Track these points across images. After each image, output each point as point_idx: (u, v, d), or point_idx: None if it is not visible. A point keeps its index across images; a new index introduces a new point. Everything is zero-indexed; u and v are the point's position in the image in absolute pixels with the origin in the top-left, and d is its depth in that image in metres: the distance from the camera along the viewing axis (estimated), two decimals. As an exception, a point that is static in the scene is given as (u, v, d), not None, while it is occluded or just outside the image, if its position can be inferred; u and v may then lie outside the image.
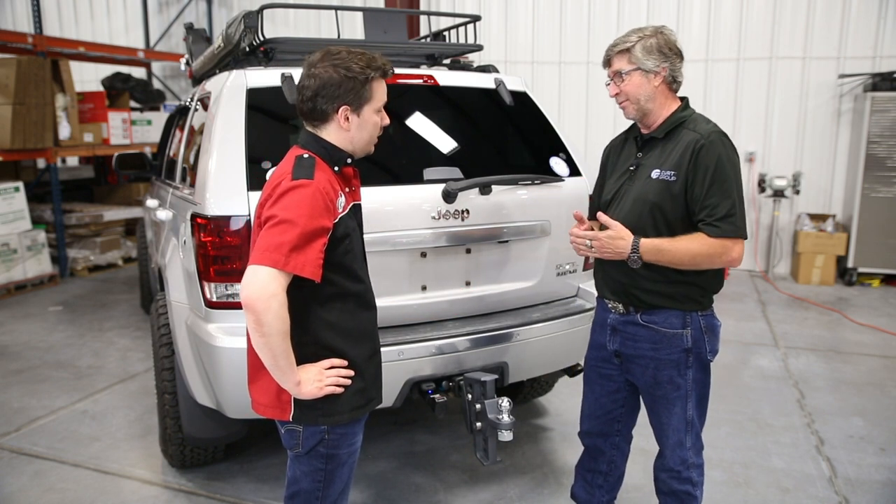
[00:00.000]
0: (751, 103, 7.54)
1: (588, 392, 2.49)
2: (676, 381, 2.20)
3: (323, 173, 1.81)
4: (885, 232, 6.86)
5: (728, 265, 2.10)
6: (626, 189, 2.21)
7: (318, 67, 1.82)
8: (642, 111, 2.16)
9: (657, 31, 2.14)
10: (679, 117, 2.16)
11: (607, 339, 2.33)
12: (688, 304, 2.16)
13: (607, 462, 2.52)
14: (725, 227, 2.03)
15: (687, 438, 2.27)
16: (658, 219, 2.11)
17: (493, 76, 3.28)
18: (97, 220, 7.71)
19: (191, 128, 3.53)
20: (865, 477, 3.26)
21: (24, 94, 6.77)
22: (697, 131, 2.10)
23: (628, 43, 2.12)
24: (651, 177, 2.13)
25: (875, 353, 5.03)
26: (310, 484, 1.95)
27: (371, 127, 1.89)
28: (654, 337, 2.19)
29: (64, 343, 5.28)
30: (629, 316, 2.24)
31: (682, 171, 2.07)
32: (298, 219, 1.69)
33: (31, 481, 3.24)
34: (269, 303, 1.65)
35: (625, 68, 2.13)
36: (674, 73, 2.14)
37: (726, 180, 2.05)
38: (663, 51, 2.11)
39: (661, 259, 2.07)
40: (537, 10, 8.12)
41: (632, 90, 2.14)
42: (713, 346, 2.22)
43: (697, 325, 2.17)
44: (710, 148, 2.05)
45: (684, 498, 2.31)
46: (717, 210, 2.03)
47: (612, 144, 2.43)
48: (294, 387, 1.78)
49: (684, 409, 2.24)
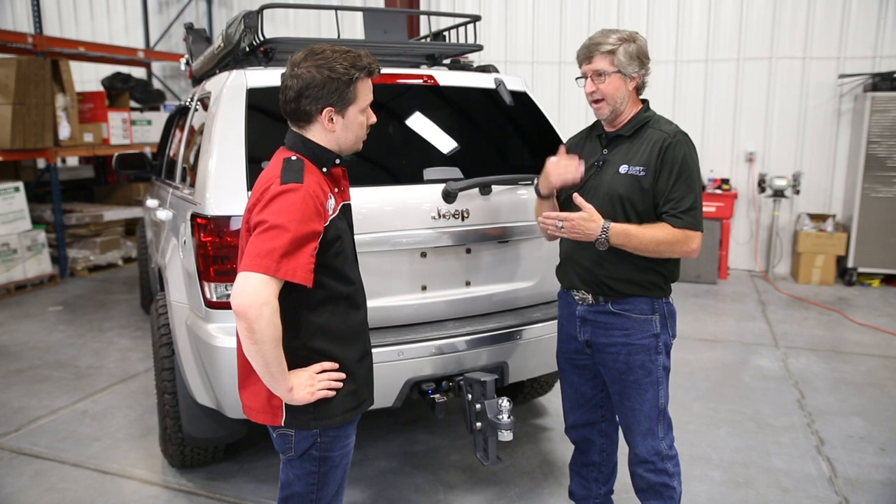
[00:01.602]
0: (751, 103, 7.54)
1: (566, 386, 2.56)
2: (648, 366, 2.28)
3: (312, 176, 1.78)
4: (885, 232, 6.86)
5: (687, 255, 2.22)
6: (594, 183, 2.30)
7: (301, 67, 1.78)
8: (615, 112, 2.28)
9: (633, 36, 2.24)
10: (644, 117, 2.29)
11: (577, 330, 2.40)
12: (654, 291, 2.27)
13: (598, 452, 2.58)
14: (688, 219, 2.16)
15: (659, 428, 2.32)
16: (629, 211, 2.22)
17: (493, 76, 3.28)
18: (97, 220, 7.71)
19: (191, 128, 3.53)
20: (865, 477, 3.26)
21: (24, 94, 6.77)
22: (664, 130, 2.24)
23: (612, 45, 2.20)
24: (619, 172, 2.25)
25: (875, 353, 5.03)
26: (303, 487, 1.94)
27: (357, 127, 1.87)
28: (626, 324, 2.28)
29: (64, 343, 5.28)
30: (599, 305, 2.32)
31: (651, 166, 2.20)
32: (289, 224, 1.67)
33: (31, 481, 3.24)
34: (261, 310, 1.64)
35: (607, 70, 2.22)
36: (644, 80, 2.29)
37: (690, 177, 2.19)
38: (641, 58, 2.24)
39: (627, 243, 2.17)
40: (537, 10, 8.11)
41: (610, 91, 2.24)
42: (674, 331, 2.35)
43: (663, 311, 2.30)
44: (677, 146, 2.19)
45: (663, 490, 2.33)
46: (682, 203, 2.17)
47: (573, 141, 2.53)
48: (286, 393, 1.77)
49: (656, 397, 2.30)
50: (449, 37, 3.90)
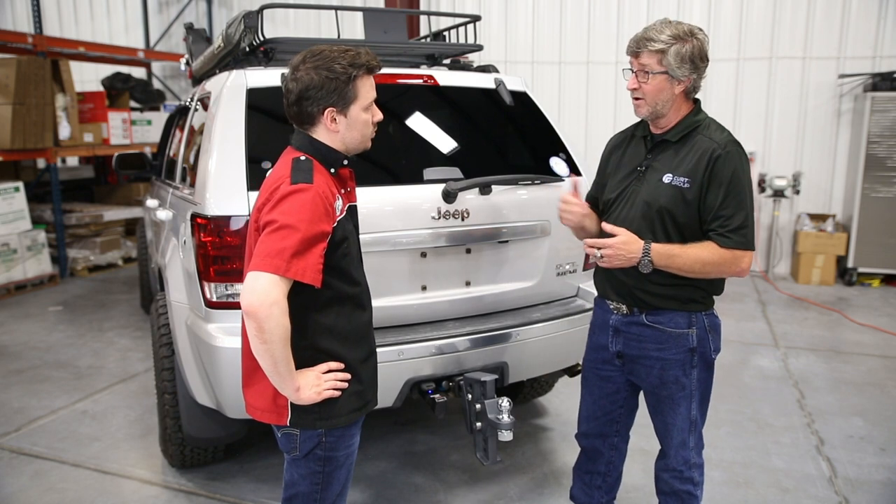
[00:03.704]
0: (751, 103, 7.54)
1: (586, 394, 2.47)
2: (682, 381, 2.19)
3: (321, 176, 1.79)
4: (885, 232, 6.86)
5: (736, 275, 2.09)
6: (634, 190, 2.17)
7: (301, 70, 1.78)
8: (656, 114, 2.11)
9: (692, 33, 2.03)
10: (693, 121, 2.12)
11: (609, 340, 2.30)
12: (691, 305, 2.15)
13: (605, 463, 2.51)
14: (737, 238, 2.02)
15: (690, 438, 2.26)
16: (668, 223, 2.09)
17: (493, 76, 3.28)
18: (97, 220, 7.71)
19: (191, 128, 3.53)
20: (865, 477, 3.26)
21: (24, 94, 6.77)
22: (714, 139, 2.06)
23: (663, 43, 2.01)
24: (663, 181, 2.09)
25: (875, 353, 5.03)
26: (307, 487, 1.94)
27: (361, 125, 1.86)
28: (660, 337, 2.17)
29: (64, 343, 5.28)
30: (633, 317, 2.21)
31: (697, 179, 2.04)
32: (299, 224, 1.67)
33: (31, 481, 3.24)
34: (271, 310, 1.64)
35: (654, 69, 2.04)
36: (697, 84, 2.09)
37: (741, 192, 2.03)
38: (695, 60, 2.03)
39: (671, 265, 2.05)
40: (537, 10, 8.11)
41: (653, 92, 2.07)
42: (716, 345, 2.22)
43: (702, 325, 2.17)
44: (728, 159, 2.02)
45: (685, 498, 2.31)
46: (731, 221, 2.02)
47: (616, 142, 2.36)
48: (293, 392, 1.77)
49: (688, 409, 2.23)
50: (449, 37, 3.90)
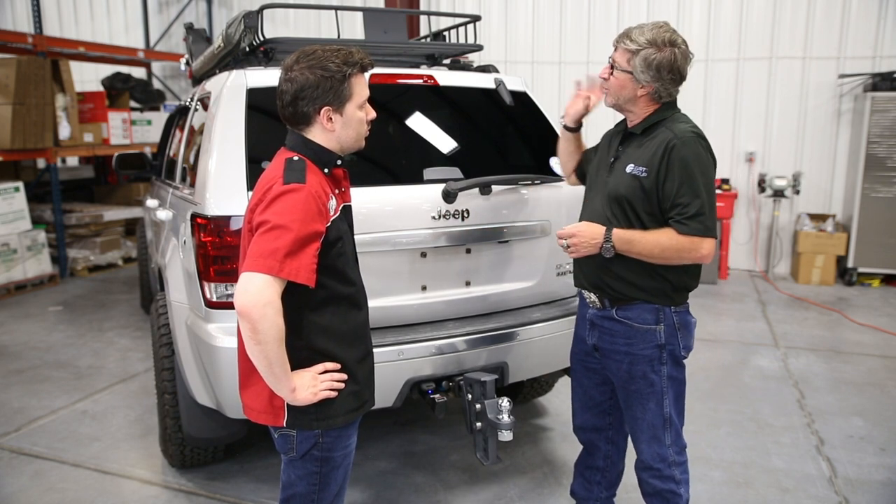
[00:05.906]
0: (751, 103, 7.54)
1: (576, 386, 2.55)
2: (650, 377, 2.24)
3: (314, 176, 1.79)
4: (885, 232, 6.85)
5: (698, 262, 2.15)
6: (604, 180, 2.28)
7: (294, 70, 1.79)
8: (618, 107, 2.24)
9: (672, 43, 2.11)
10: (660, 116, 2.19)
11: (587, 333, 2.39)
12: (660, 298, 2.20)
13: (603, 458, 2.57)
14: (694, 225, 2.07)
15: (665, 436, 2.29)
16: (627, 211, 2.17)
17: (493, 76, 3.28)
18: (97, 220, 7.71)
19: (191, 128, 3.53)
20: (865, 477, 3.26)
21: (24, 94, 6.77)
22: (673, 130, 2.12)
23: (637, 45, 2.11)
24: (625, 171, 2.18)
25: (875, 353, 5.03)
26: (305, 487, 1.94)
27: (356, 124, 1.86)
28: (628, 332, 2.24)
29: (64, 343, 5.28)
30: (605, 311, 2.29)
31: (654, 168, 2.11)
32: (292, 224, 1.67)
33: (31, 481, 3.24)
34: (264, 310, 1.64)
35: (622, 66, 2.15)
36: (660, 93, 2.15)
37: (695, 181, 2.08)
38: (661, 70, 2.10)
39: (631, 250, 2.13)
40: (537, 10, 8.11)
41: (616, 87, 2.19)
42: (686, 343, 2.26)
43: (671, 322, 2.22)
44: (683, 147, 2.08)
45: (669, 497, 2.32)
46: (688, 209, 2.08)
47: (609, 132, 2.48)
48: (289, 393, 1.77)
49: (660, 406, 2.27)
50: (449, 37, 3.90)
